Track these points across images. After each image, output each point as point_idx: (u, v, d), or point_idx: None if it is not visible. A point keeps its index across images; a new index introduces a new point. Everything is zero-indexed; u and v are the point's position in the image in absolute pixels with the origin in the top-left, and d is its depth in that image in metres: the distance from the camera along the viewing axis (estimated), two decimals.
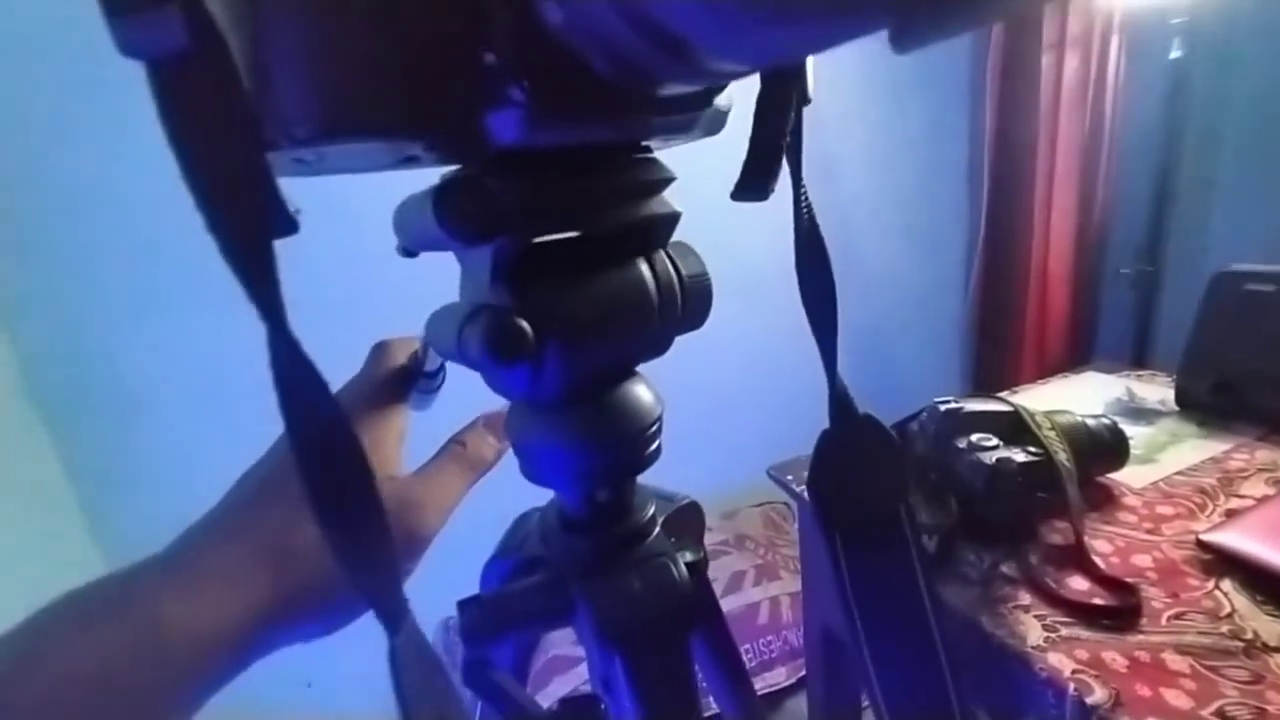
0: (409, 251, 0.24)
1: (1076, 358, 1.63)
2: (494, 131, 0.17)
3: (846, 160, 1.41)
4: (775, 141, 0.22)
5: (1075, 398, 0.88)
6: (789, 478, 0.77)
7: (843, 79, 1.34)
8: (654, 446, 0.25)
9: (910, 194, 1.52)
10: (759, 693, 0.82)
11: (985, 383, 1.65)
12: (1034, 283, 1.57)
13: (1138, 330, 1.32)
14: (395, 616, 0.18)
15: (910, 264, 1.56)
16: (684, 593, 0.25)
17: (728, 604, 1.22)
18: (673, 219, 0.24)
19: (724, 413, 1.40)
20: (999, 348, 1.64)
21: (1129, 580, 0.53)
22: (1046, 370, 1.56)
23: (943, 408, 0.66)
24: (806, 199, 0.25)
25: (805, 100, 0.22)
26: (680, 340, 0.25)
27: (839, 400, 0.27)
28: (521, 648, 0.30)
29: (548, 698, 1.11)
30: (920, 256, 1.57)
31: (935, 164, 1.55)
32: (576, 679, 1.11)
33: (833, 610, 0.77)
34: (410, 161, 0.18)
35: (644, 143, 0.23)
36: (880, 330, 1.56)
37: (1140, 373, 0.95)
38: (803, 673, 1.19)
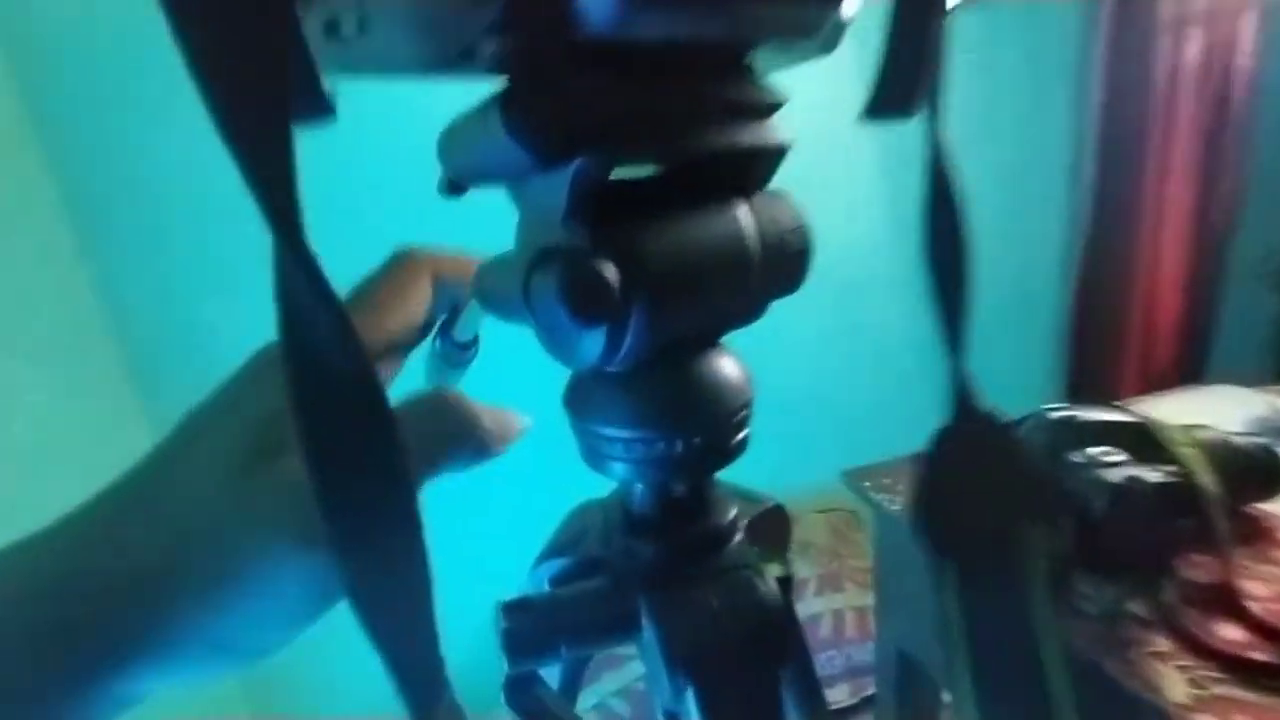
0: (456, 186, 0.20)
1: (1188, 370, 1.46)
2: (584, 10, 0.13)
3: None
4: (919, 38, 0.17)
5: (1206, 414, 0.76)
6: (866, 484, 0.70)
7: None
8: (742, 435, 0.20)
9: (1005, 184, 1.39)
10: None
11: (1081, 393, 1.50)
12: (1141, 285, 1.42)
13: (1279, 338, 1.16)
14: (431, 694, 0.13)
15: (1002, 260, 1.44)
16: (775, 614, 0.20)
17: None
18: (780, 152, 0.19)
19: (789, 408, 1.32)
20: (1098, 355, 1.49)
21: None
22: (1151, 383, 1.41)
23: (1053, 415, 0.58)
24: (943, 137, 0.20)
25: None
26: (746, 330, 0.20)
27: (960, 389, 0.21)
28: (573, 665, 0.26)
29: (594, 694, 1.07)
30: (1013, 252, 1.44)
31: (1034, 152, 1.42)
32: (630, 676, 1.07)
33: (913, 636, 0.70)
34: (465, 59, 0.14)
35: (751, 57, 0.18)
36: None
37: None
38: (866, 692, 1.11)
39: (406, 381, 0.21)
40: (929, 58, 0.17)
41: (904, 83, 0.18)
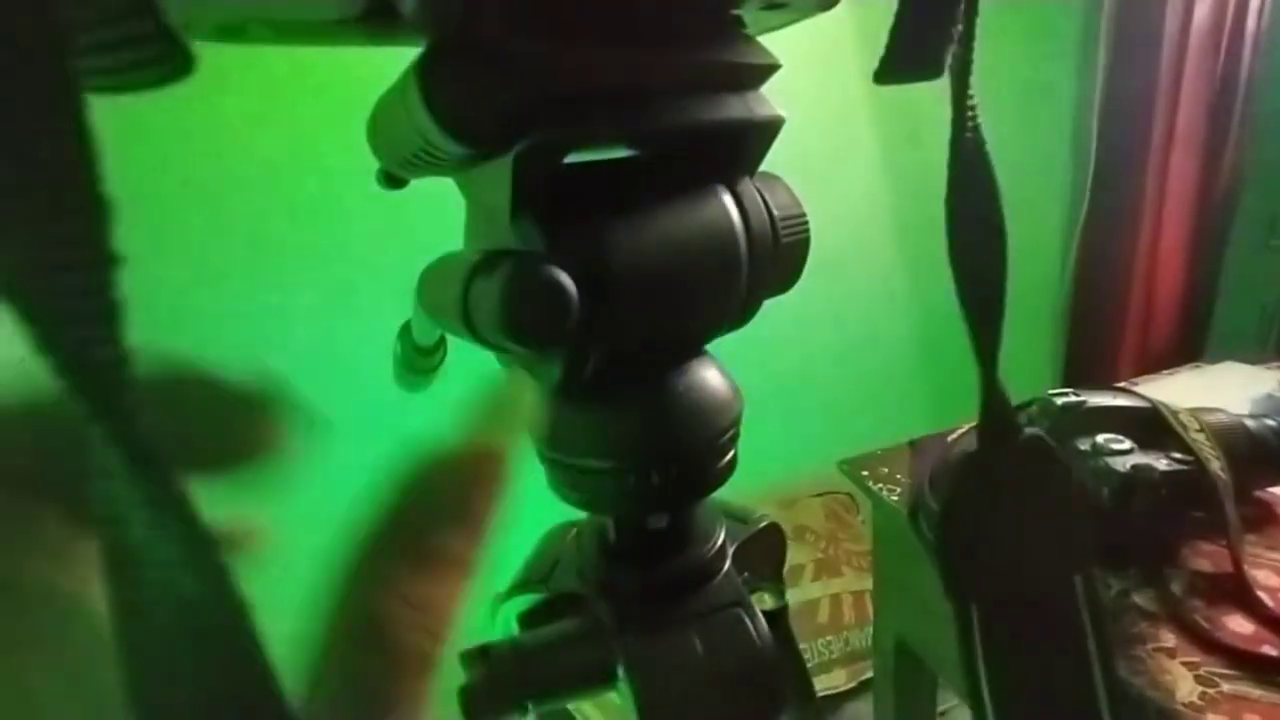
0: (392, 178, 0.17)
1: (1188, 345, 1.44)
2: None
3: (930, 114, 1.27)
4: None
5: (1213, 394, 0.74)
6: (864, 473, 0.68)
7: None
8: (728, 458, 0.18)
9: (1006, 158, 1.34)
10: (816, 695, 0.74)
11: (1081, 372, 1.49)
12: (1142, 256, 1.39)
13: None
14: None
15: None
16: (765, 659, 0.18)
17: None
18: (772, 128, 0.16)
19: (787, 394, 1.31)
20: (1099, 327, 1.47)
21: None
22: (1150, 360, 1.39)
23: (1059, 401, 0.56)
24: (974, 105, 0.17)
25: None
26: None
27: (996, 410, 0.18)
28: None
29: None
30: (1013, 227, 1.41)
31: (1035, 122, 1.38)
32: None
33: (911, 624, 0.68)
34: (381, 17, 0.11)
35: (739, 7, 0.15)
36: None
37: None
38: (864, 676, 1.12)
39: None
40: (958, 3, 0.14)
41: (928, 34, 0.14)
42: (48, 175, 0.06)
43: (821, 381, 1.33)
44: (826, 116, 1.14)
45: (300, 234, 0.93)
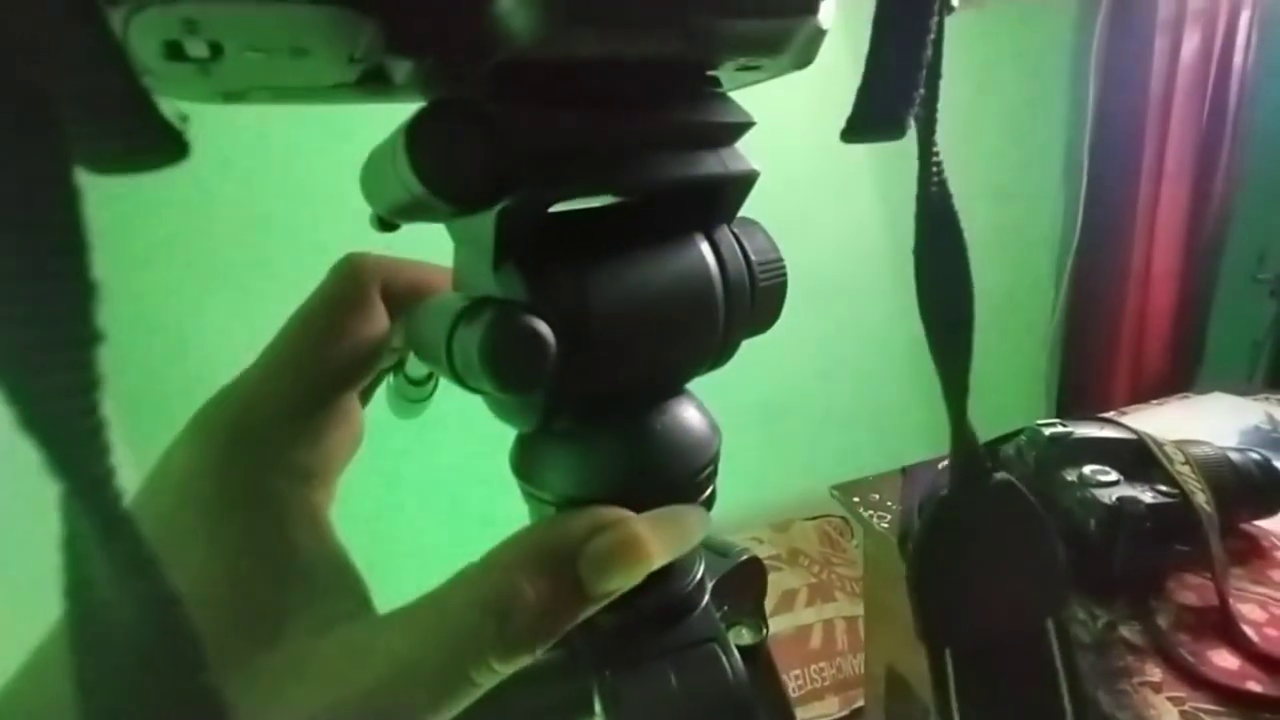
0: (386, 223, 0.17)
1: (1179, 376, 1.45)
2: (505, 24, 0.11)
3: None
4: (910, 49, 0.15)
5: (1200, 425, 0.75)
6: (855, 499, 0.69)
7: None
8: (706, 494, 0.19)
9: (997, 187, 1.38)
10: None
11: (1072, 399, 1.50)
12: (1133, 290, 1.41)
13: (1276, 346, 1.15)
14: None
15: (993, 265, 1.43)
16: (738, 697, 0.19)
17: (777, 624, 1.14)
18: (746, 181, 0.17)
19: (781, 416, 1.31)
20: (1089, 360, 1.48)
21: None
22: (1142, 389, 1.40)
23: (1047, 431, 0.57)
24: (939, 160, 0.17)
25: (948, 3, 0.15)
26: None
27: (965, 454, 0.19)
28: None
29: None
30: (1004, 257, 1.43)
31: (1027, 153, 1.40)
32: None
33: (902, 653, 0.68)
34: (378, 82, 0.12)
35: (714, 70, 0.16)
36: None
37: None
38: (856, 704, 1.10)
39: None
40: (920, 66, 0.15)
41: (891, 96, 0.15)
42: (38, 257, 0.07)
43: (817, 404, 1.34)
44: (821, 146, 1.16)
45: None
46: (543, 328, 0.13)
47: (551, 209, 0.15)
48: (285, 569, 0.13)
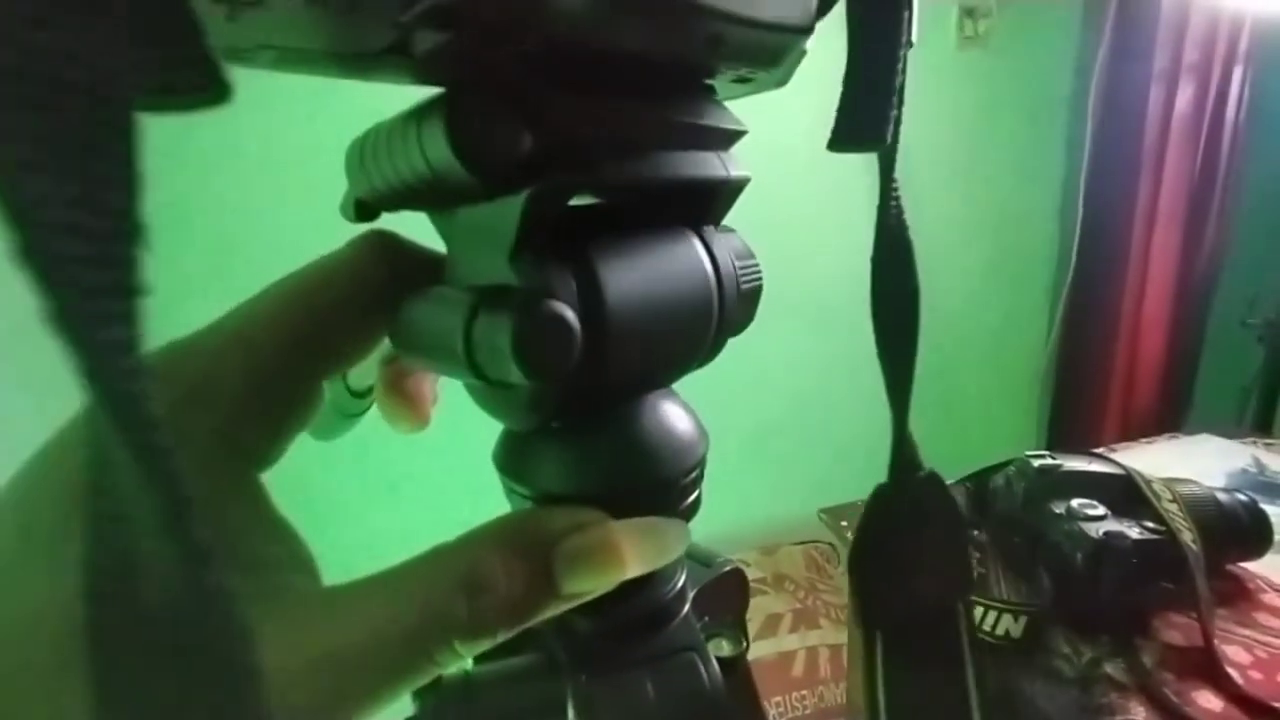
0: (368, 209, 0.17)
1: (1169, 417, 1.46)
2: (553, 4, 0.11)
3: (926, 182, 1.31)
4: (883, 67, 0.16)
5: (1189, 465, 0.75)
6: (844, 524, 0.68)
7: (930, 95, 1.25)
8: (693, 497, 0.18)
9: (994, 227, 1.40)
10: None
11: (1062, 435, 1.50)
12: (1125, 331, 1.42)
13: (1265, 390, 1.16)
14: None
15: (988, 301, 1.44)
16: (714, 707, 0.18)
17: (760, 649, 1.13)
18: (741, 186, 0.17)
19: (771, 438, 1.31)
20: (1080, 398, 1.49)
21: (1277, 705, 0.42)
22: (1132, 428, 1.41)
23: (1036, 463, 0.57)
24: (897, 188, 0.19)
25: (909, 39, 0.16)
26: (727, 356, 0.19)
27: (903, 450, 0.21)
28: None
29: None
30: (999, 294, 1.45)
31: (1024, 196, 1.43)
32: None
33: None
34: (395, 54, 0.12)
35: (713, 78, 0.17)
36: (947, 370, 1.43)
37: (1270, 440, 0.82)
38: None
39: None
40: (889, 87, 0.16)
41: (867, 114, 0.17)
42: (87, 151, 0.06)
43: (808, 428, 1.34)
44: (823, 178, 1.18)
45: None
46: (570, 315, 0.13)
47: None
48: (230, 538, 0.12)
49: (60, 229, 0.06)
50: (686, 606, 0.21)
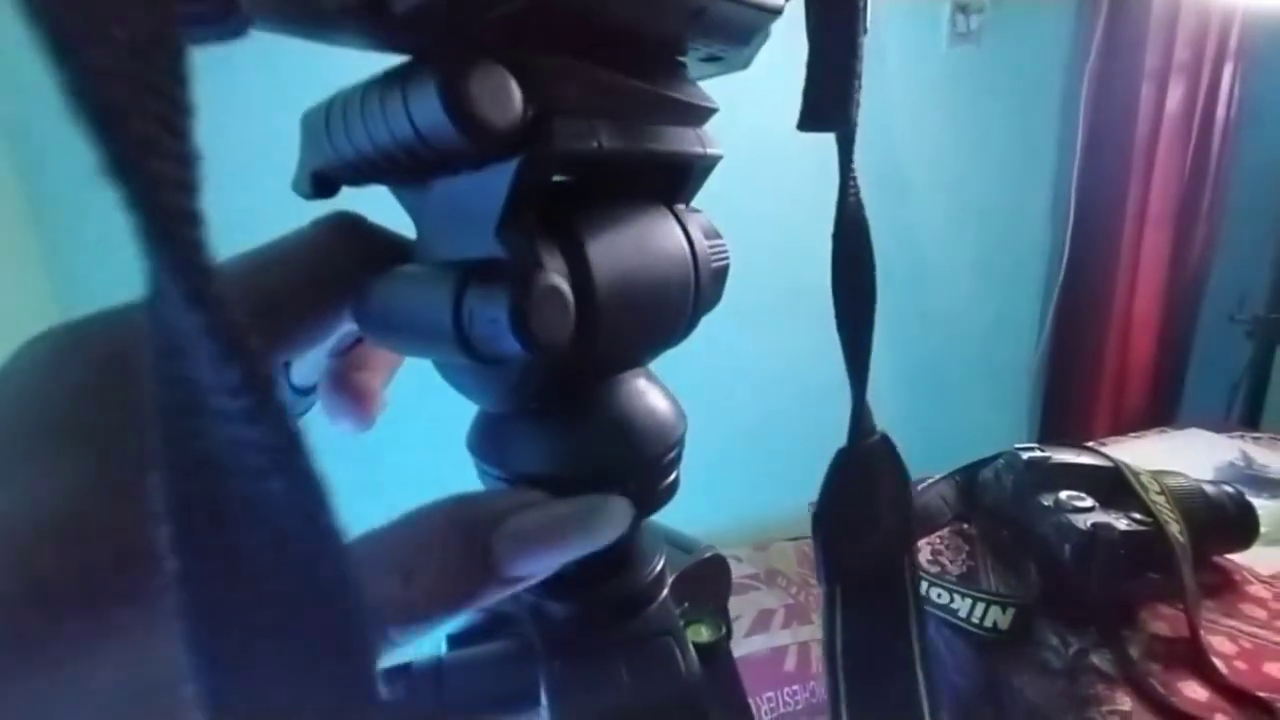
0: (326, 182, 0.16)
1: (1159, 413, 1.47)
2: None
3: (918, 180, 1.31)
4: (843, 53, 0.17)
5: (1177, 459, 0.75)
6: None
7: (922, 89, 1.25)
8: (671, 478, 0.18)
9: (986, 223, 1.40)
10: None
11: (1053, 432, 1.51)
12: (1115, 327, 1.43)
13: (1253, 385, 1.16)
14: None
15: (979, 297, 1.44)
16: (690, 693, 0.18)
17: (752, 644, 1.13)
18: (714, 163, 0.17)
19: (763, 433, 1.31)
20: (1071, 395, 1.50)
21: (1262, 695, 0.42)
22: (1122, 424, 1.42)
23: (1025, 456, 0.57)
24: (854, 174, 0.19)
25: (865, 26, 0.17)
26: (720, 350, 0.18)
27: (859, 416, 0.22)
28: None
29: None
30: (991, 290, 1.45)
31: (1016, 193, 1.43)
32: None
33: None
34: (372, 13, 0.12)
35: (684, 56, 0.17)
36: (939, 366, 1.44)
37: (1257, 435, 0.82)
38: None
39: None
40: (851, 70, 0.17)
41: (831, 95, 0.17)
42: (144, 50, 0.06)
43: (800, 424, 1.34)
44: (820, 176, 1.18)
45: None
46: (565, 286, 0.13)
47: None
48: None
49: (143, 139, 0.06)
50: (664, 592, 0.20)
